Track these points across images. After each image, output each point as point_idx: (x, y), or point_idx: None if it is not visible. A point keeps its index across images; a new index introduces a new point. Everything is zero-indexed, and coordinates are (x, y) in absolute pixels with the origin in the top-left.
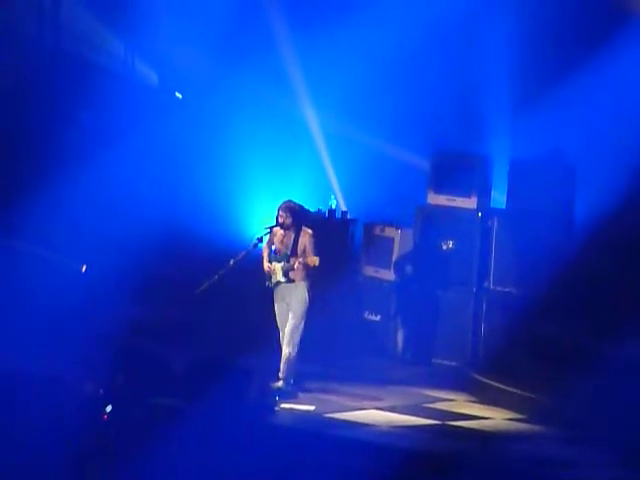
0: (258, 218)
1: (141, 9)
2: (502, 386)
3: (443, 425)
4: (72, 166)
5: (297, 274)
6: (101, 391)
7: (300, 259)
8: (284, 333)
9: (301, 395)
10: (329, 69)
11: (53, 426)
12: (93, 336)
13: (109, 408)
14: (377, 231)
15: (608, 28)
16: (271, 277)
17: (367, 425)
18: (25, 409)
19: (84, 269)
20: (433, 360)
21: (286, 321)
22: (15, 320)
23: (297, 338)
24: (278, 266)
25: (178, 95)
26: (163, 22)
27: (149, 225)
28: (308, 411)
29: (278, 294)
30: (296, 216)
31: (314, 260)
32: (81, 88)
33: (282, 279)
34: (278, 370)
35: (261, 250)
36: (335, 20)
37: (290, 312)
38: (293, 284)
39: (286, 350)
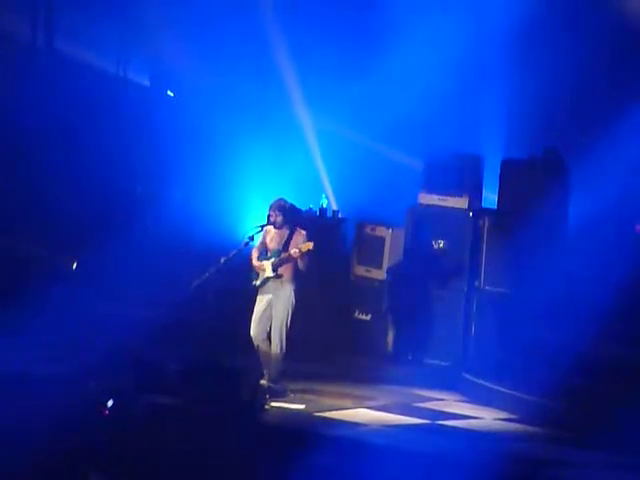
0: (250, 216)
1: (134, 8)
2: (493, 386)
3: (434, 424)
4: (61, 164)
5: (286, 271)
6: (102, 388)
7: (295, 249)
8: (256, 324)
9: (291, 394)
10: (323, 69)
11: (58, 421)
12: (94, 336)
13: (110, 403)
14: (368, 230)
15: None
16: (258, 275)
17: (358, 424)
18: (31, 405)
19: (75, 266)
20: (424, 359)
21: (262, 312)
22: (20, 321)
23: (283, 337)
24: (267, 263)
25: (170, 94)
26: (156, 21)
27: (141, 224)
28: (298, 410)
29: (264, 288)
30: (287, 215)
31: (308, 245)
32: (73, 88)
33: (270, 274)
34: (263, 368)
35: (252, 249)
36: (330, 20)
37: (274, 313)
38: (280, 282)
39: (273, 349)
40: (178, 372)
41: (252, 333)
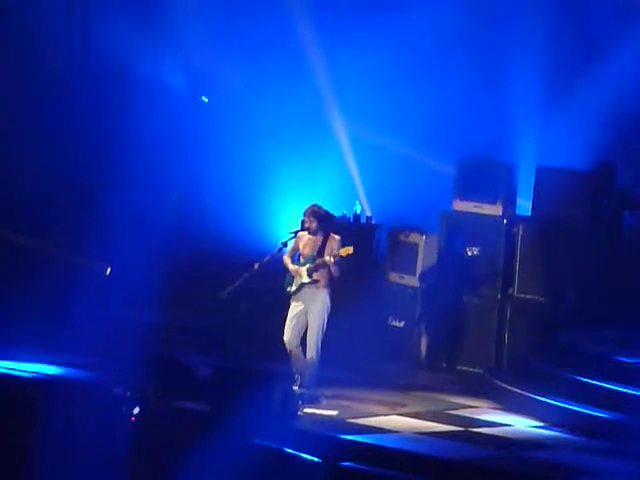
0: (283, 222)
1: (170, 12)
2: (526, 393)
3: (466, 432)
4: (98, 169)
5: (321, 277)
6: (129, 394)
7: (333, 253)
8: (289, 330)
9: (324, 400)
10: (357, 74)
11: (85, 426)
12: (122, 342)
13: (137, 410)
14: (402, 237)
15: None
16: (293, 280)
17: (390, 431)
18: (59, 410)
19: (109, 272)
20: (456, 366)
21: (296, 318)
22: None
23: (319, 343)
24: (303, 269)
25: (204, 99)
26: (191, 26)
27: (175, 229)
28: (331, 416)
29: (298, 294)
30: (321, 221)
31: (348, 250)
32: (108, 91)
33: (306, 279)
34: (294, 374)
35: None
36: (365, 26)
37: (309, 319)
38: (315, 289)
39: (308, 355)
40: (210, 378)
41: (286, 339)
